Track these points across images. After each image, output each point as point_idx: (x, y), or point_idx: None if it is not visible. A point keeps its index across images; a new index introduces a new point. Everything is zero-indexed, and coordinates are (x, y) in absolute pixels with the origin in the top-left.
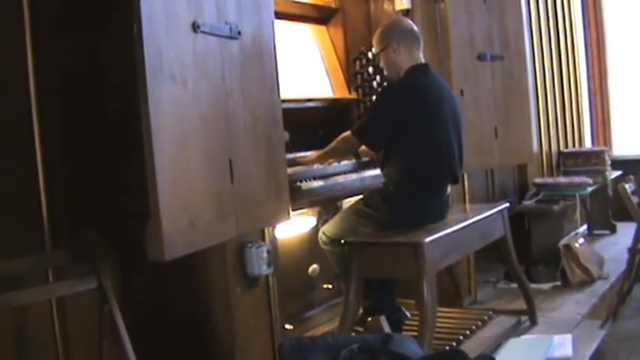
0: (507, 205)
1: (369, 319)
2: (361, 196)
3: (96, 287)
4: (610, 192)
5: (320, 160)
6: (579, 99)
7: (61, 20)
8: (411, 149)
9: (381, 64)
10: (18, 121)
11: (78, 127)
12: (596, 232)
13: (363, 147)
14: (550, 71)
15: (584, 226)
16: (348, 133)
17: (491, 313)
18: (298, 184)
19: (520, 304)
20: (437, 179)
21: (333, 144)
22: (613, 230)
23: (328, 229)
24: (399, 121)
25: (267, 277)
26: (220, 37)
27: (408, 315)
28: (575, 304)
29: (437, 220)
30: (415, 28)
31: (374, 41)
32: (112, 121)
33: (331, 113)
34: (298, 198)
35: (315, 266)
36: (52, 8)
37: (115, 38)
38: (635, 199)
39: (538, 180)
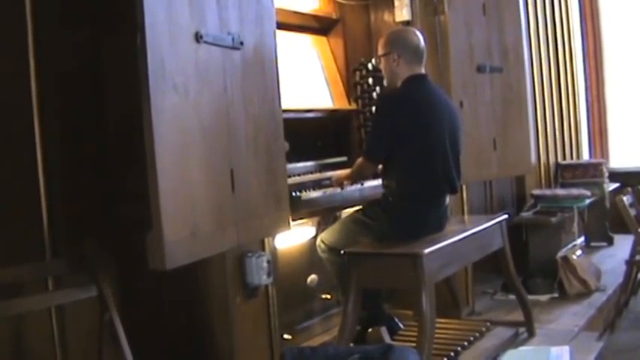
0: (506, 216)
1: (370, 329)
2: (360, 206)
3: (96, 296)
4: (607, 204)
5: (349, 181)
6: (577, 111)
7: (63, 30)
8: (408, 160)
9: (381, 67)
10: (19, 131)
11: (78, 136)
12: (593, 244)
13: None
14: (548, 83)
15: (582, 238)
16: (360, 159)
17: (488, 324)
18: (298, 194)
19: (518, 316)
20: (434, 190)
21: (353, 170)
22: (610, 242)
23: (326, 237)
24: (397, 132)
25: (266, 286)
26: (223, 48)
27: (401, 326)
28: (573, 315)
29: (435, 231)
30: (421, 44)
31: (379, 43)
32: (112, 129)
33: (331, 124)
34: (298, 208)
35: (313, 276)
36: (54, 17)
37: (116, 47)
38: (632, 212)
39: (536, 192)
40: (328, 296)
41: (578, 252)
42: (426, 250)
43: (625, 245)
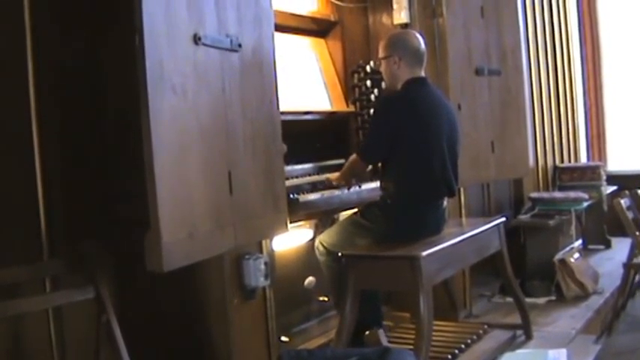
0: (503, 219)
1: (367, 332)
2: (358, 209)
3: (93, 297)
4: (605, 207)
5: (342, 180)
6: (575, 114)
7: (61, 31)
8: (406, 162)
9: (381, 70)
10: (17, 132)
11: (77, 137)
12: (591, 247)
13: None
14: (546, 86)
15: (579, 241)
16: (354, 156)
17: (486, 326)
18: (296, 196)
19: (515, 318)
20: (432, 192)
21: (345, 166)
22: (608, 245)
23: (325, 239)
24: (395, 134)
25: (264, 289)
26: (221, 49)
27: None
28: (570, 318)
29: (433, 234)
30: (422, 47)
31: (380, 46)
32: (110, 130)
33: (329, 126)
34: (296, 210)
35: (311, 278)
36: (53, 18)
37: (115, 48)
38: (630, 215)
39: (534, 194)
40: (325, 298)
41: (576, 255)
42: (424, 253)
43: (623, 248)
